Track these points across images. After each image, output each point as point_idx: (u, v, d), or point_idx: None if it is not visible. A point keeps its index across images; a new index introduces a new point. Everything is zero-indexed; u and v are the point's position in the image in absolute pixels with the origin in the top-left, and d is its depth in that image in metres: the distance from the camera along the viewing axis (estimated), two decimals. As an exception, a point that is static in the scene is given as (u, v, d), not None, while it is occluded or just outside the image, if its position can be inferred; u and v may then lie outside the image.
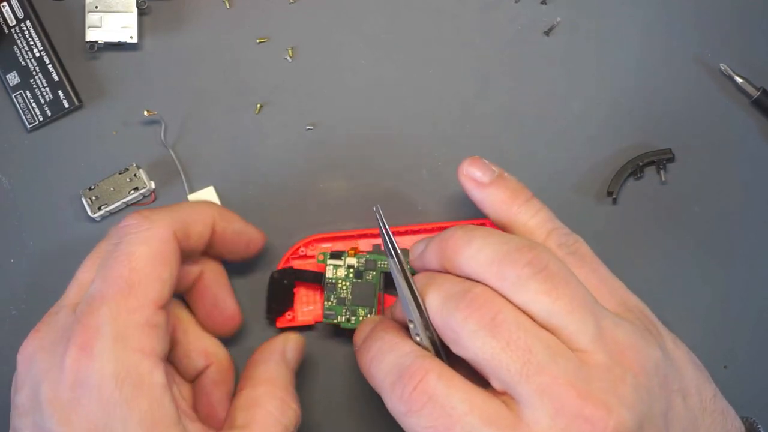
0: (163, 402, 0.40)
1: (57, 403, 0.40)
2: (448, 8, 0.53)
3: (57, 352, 0.40)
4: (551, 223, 0.44)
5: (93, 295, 0.41)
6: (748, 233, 0.53)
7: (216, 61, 0.53)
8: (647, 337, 0.40)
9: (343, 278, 0.49)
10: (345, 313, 0.49)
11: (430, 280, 0.40)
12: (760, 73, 0.53)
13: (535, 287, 0.38)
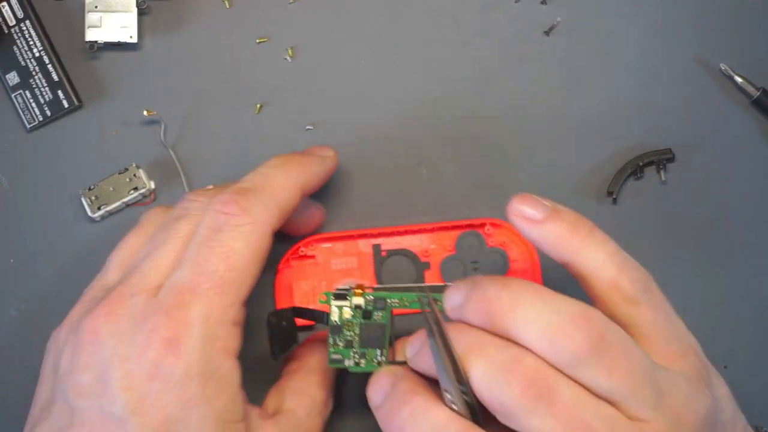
0: (236, 400, 0.40)
1: (132, 392, 0.39)
2: (448, 8, 0.53)
3: (136, 340, 0.39)
4: (619, 255, 0.40)
5: (183, 285, 0.40)
6: (748, 233, 0.53)
7: (216, 61, 0.53)
8: (700, 388, 0.39)
9: (350, 320, 0.44)
10: (353, 356, 0.44)
11: (472, 346, 0.37)
12: (760, 73, 0.53)
13: (594, 365, 0.36)
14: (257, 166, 0.45)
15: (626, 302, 0.40)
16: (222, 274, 0.40)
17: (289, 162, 0.46)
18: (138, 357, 0.39)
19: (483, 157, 0.52)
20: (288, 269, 0.51)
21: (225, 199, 0.42)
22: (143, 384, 0.39)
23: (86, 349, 0.40)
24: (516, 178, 0.53)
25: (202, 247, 0.41)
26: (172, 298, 0.40)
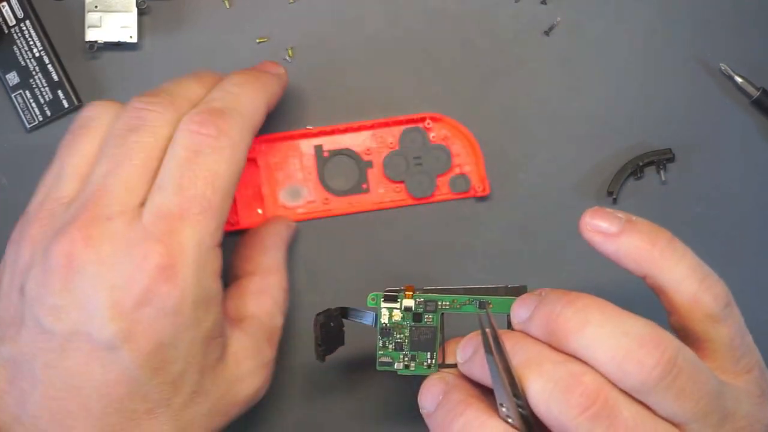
0: (220, 318, 0.41)
1: (123, 321, 0.39)
2: (448, 8, 0.53)
3: (124, 268, 0.39)
4: (701, 269, 0.39)
5: (171, 211, 0.40)
6: (748, 233, 0.53)
7: (216, 61, 0.53)
8: (763, 405, 0.39)
9: (400, 322, 0.43)
10: (403, 359, 0.43)
11: (531, 359, 0.37)
12: (760, 73, 0.53)
13: (662, 391, 0.35)
14: (221, 82, 0.45)
15: (706, 318, 0.39)
16: (209, 198, 0.40)
17: (252, 80, 0.45)
18: (128, 285, 0.39)
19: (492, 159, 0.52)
20: None
21: (201, 119, 0.41)
22: (134, 312, 0.39)
23: (60, 274, 0.39)
24: (516, 177, 0.53)
25: (185, 169, 0.40)
26: (162, 224, 0.39)
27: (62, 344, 0.39)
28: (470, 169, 0.52)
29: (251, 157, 0.52)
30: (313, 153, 0.52)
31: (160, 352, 0.39)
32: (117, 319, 0.38)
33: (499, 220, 0.52)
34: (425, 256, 0.52)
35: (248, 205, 0.52)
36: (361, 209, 0.52)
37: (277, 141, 0.52)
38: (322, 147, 0.52)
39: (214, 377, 0.41)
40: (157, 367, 0.39)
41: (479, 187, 0.52)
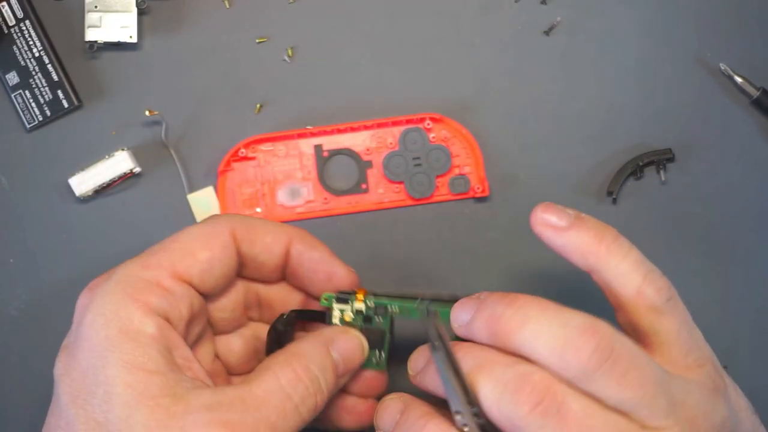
0: (148, 350, 0.38)
1: (65, 348, 0.40)
2: (448, 8, 0.53)
3: None
4: (645, 265, 0.41)
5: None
6: (748, 233, 0.53)
7: (216, 61, 0.53)
8: (716, 398, 0.39)
9: (350, 323, 0.45)
10: None
11: (480, 364, 0.38)
12: (760, 73, 0.53)
13: (604, 377, 0.36)
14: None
15: (650, 311, 0.40)
16: (162, 244, 0.42)
17: (289, 225, 0.46)
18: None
19: (487, 161, 0.52)
20: (230, 172, 0.52)
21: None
22: (73, 336, 0.40)
23: None
24: (516, 178, 0.53)
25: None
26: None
27: None
28: (470, 170, 0.52)
29: (251, 157, 0.52)
30: (313, 153, 0.52)
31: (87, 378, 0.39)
32: (64, 352, 0.40)
33: (498, 221, 0.52)
34: (425, 256, 0.52)
35: (248, 204, 0.52)
36: (361, 209, 0.52)
37: (277, 141, 0.52)
38: (322, 147, 0.52)
39: None
40: None
41: (479, 187, 0.52)
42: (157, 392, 0.38)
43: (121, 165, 0.51)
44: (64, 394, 0.39)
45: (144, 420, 0.37)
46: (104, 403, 0.38)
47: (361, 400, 0.46)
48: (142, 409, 0.37)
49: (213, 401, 0.38)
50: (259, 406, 0.39)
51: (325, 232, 0.52)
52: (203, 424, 0.37)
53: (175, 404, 0.38)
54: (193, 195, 0.52)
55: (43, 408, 0.50)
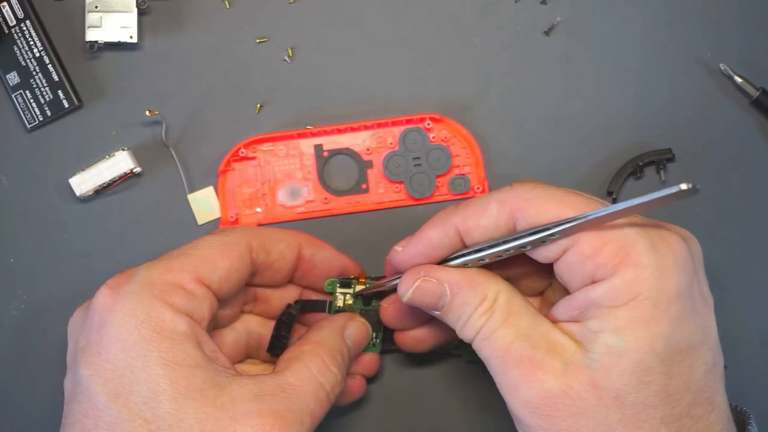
0: (185, 346, 0.40)
1: (87, 349, 0.40)
2: (448, 8, 0.53)
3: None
4: None
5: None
6: (748, 233, 0.53)
7: (216, 61, 0.53)
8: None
9: (351, 305, 0.49)
10: None
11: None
12: (760, 73, 0.53)
13: None
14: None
15: None
16: (183, 250, 0.43)
17: (295, 232, 0.49)
18: (92, 313, 0.41)
19: (484, 160, 0.52)
20: (230, 172, 0.52)
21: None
22: (95, 335, 0.40)
23: (68, 332, 0.44)
24: (516, 178, 0.53)
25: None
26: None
27: None
28: (470, 170, 0.52)
29: (251, 157, 0.52)
30: (313, 153, 0.52)
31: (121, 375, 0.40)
32: (85, 351, 0.41)
33: (498, 220, 0.52)
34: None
35: (248, 204, 0.52)
36: (361, 209, 0.52)
37: (277, 141, 0.52)
38: (322, 147, 0.52)
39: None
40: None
41: (478, 187, 0.52)
42: (202, 385, 0.39)
43: (121, 165, 0.51)
44: (100, 394, 0.39)
45: (194, 413, 0.39)
46: (150, 400, 0.38)
47: (352, 378, 0.48)
48: (191, 403, 0.39)
49: (257, 391, 0.40)
50: (298, 395, 0.41)
51: (325, 232, 0.52)
52: (253, 414, 0.39)
53: (221, 395, 0.39)
54: (194, 195, 0.52)
55: (45, 406, 0.51)
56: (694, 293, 0.39)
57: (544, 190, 0.40)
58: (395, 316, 0.47)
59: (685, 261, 0.39)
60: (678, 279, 0.38)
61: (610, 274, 0.38)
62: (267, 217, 0.52)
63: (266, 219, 0.52)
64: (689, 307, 0.39)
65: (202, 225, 0.52)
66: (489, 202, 0.41)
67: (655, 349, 0.38)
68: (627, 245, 0.38)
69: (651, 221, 0.40)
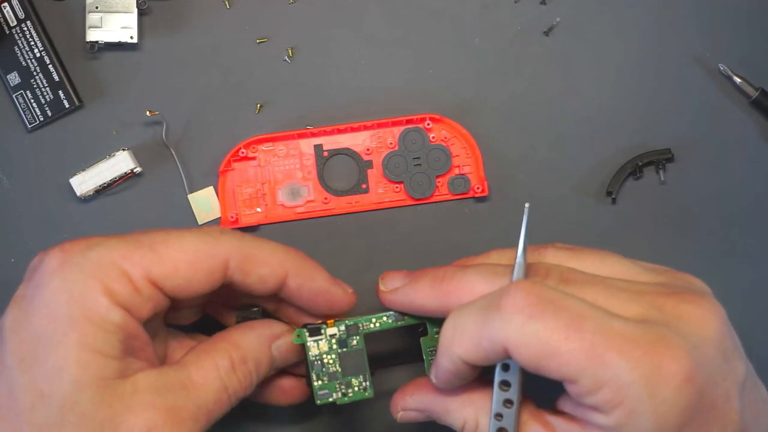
0: (108, 337, 0.39)
1: (19, 301, 0.40)
2: (448, 8, 0.53)
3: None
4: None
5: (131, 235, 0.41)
6: (747, 233, 0.53)
7: (216, 61, 0.53)
8: None
9: (328, 351, 0.45)
10: (339, 388, 0.45)
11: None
12: (759, 74, 0.53)
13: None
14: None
15: None
16: (148, 241, 0.41)
17: (291, 250, 0.45)
18: (26, 282, 0.41)
19: (483, 161, 0.52)
20: (230, 172, 0.52)
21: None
22: (26, 304, 0.40)
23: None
24: (516, 178, 0.53)
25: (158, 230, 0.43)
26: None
27: None
28: (470, 170, 0.52)
29: (252, 157, 0.52)
30: (313, 153, 0.52)
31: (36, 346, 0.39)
32: (10, 326, 0.40)
33: (498, 221, 0.52)
34: (425, 256, 0.52)
35: (248, 204, 0.52)
36: (361, 209, 0.52)
37: (277, 140, 0.52)
38: (322, 147, 0.52)
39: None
40: None
41: (478, 187, 0.52)
42: (111, 375, 0.38)
43: (121, 165, 0.51)
44: (11, 354, 0.39)
45: (91, 397, 0.38)
46: (53, 376, 0.38)
47: (297, 382, 0.47)
48: (92, 388, 0.38)
49: (159, 384, 0.39)
50: (199, 394, 0.41)
51: (325, 232, 0.52)
52: (148, 406, 0.39)
53: (124, 384, 0.39)
54: (194, 195, 0.52)
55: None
56: (706, 405, 0.37)
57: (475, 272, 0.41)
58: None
59: (688, 387, 0.37)
60: (680, 412, 0.37)
61: (609, 412, 0.37)
62: (267, 216, 0.52)
63: (266, 219, 0.52)
64: (700, 425, 0.37)
65: (202, 225, 0.52)
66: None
67: None
68: (622, 388, 0.36)
69: (657, 315, 0.38)
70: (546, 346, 0.37)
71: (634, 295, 0.39)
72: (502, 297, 0.38)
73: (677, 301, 0.39)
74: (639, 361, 0.36)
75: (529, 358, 0.37)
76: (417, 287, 0.43)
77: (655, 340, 0.37)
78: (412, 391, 0.44)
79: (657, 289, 0.39)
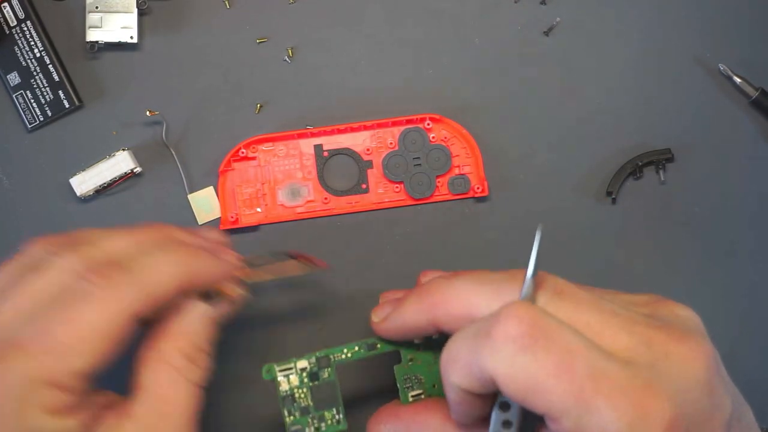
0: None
1: None
2: (448, 8, 0.53)
3: None
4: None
5: (11, 340, 0.37)
6: (747, 233, 0.53)
7: (216, 61, 0.53)
8: None
9: (299, 385, 0.43)
10: (312, 422, 0.43)
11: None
12: (759, 74, 0.53)
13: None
14: (136, 230, 0.42)
15: None
16: (60, 339, 0.37)
17: (176, 250, 0.41)
18: None
19: (483, 160, 0.52)
20: (230, 172, 0.52)
21: (93, 266, 0.39)
22: None
23: None
24: (516, 178, 0.53)
25: (51, 307, 0.38)
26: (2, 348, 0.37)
27: None
28: (470, 170, 0.52)
29: (252, 157, 0.52)
30: (313, 153, 0.53)
31: None
32: None
33: (498, 221, 0.52)
34: (425, 256, 0.52)
35: (248, 204, 0.52)
36: (361, 209, 0.52)
37: (277, 140, 0.52)
38: (322, 147, 0.52)
39: None
40: None
41: (478, 187, 0.52)
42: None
43: (121, 165, 0.52)
44: None
45: None
46: None
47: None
48: None
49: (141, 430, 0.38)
50: (176, 409, 0.40)
51: (325, 232, 0.52)
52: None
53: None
54: (194, 195, 0.52)
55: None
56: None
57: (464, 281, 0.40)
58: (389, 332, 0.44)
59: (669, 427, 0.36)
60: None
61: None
62: (267, 217, 0.52)
63: (266, 219, 0.52)
64: None
65: (202, 225, 0.52)
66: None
67: None
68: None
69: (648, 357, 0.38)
70: (534, 382, 0.36)
71: (626, 323, 0.38)
72: (494, 324, 0.36)
73: (666, 338, 0.38)
74: (625, 410, 0.36)
75: (515, 392, 0.36)
76: (404, 308, 0.42)
77: (643, 386, 0.36)
78: (385, 419, 0.43)
79: (647, 321, 0.39)
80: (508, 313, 0.36)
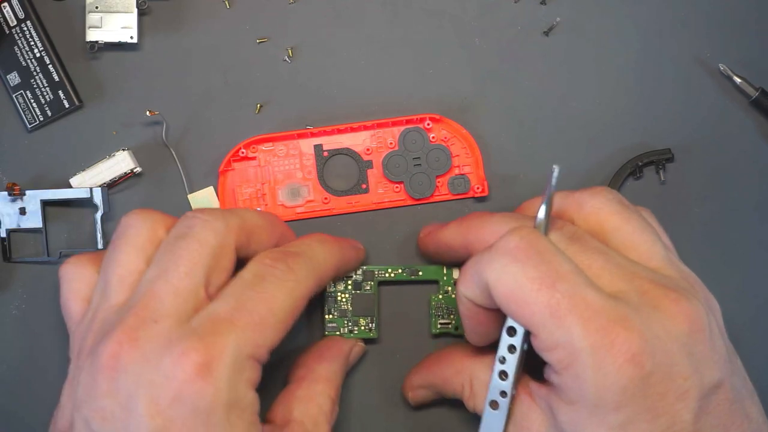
0: (255, 427, 0.40)
1: (158, 418, 0.38)
2: (448, 8, 0.53)
3: (163, 363, 0.39)
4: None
5: (221, 316, 0.40)
6: (747, 233, 0.53)
7: (216, 61, 0.53)
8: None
9: (343, 290, 0.50)
10: (347, 324, 0.50)
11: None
12: (759, 74, 0.53)
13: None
14: (304, 237, 0.47)
15: None
16: (263, 316, 0.41)
17: (330, 242, 0.48)
18: (165, 381, 0.38)
19: (484, 158, 0.52)
20: (230, 172, 0.52)
21: (276, 256, 0.44)
22: (169, 409, 0.38)
23: (106, 374, 0.39)
24: (516, 178, 0.53)
25: (247, 289, 0.42)
26: (208, 325, 0.40)
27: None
28: (470, 170, 0.52)
29: (252, 157, 0.52)
30: (313, 153, 0.52)
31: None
32: (154, 417, 0.38)
33: (498, 220, 0.52)
34: (425, 256, 0.52)
35: (248, 204, 0.52)
36: (361, 209, 0.52)
37: (277, 141, 0.52)
38: (322, 147, 0.52)
39: None
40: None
41: (478, 187, 0.52)
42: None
43: (121, 165, 0.52)
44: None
45: None
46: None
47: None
48: None
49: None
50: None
51: (325, 232, 0.52)
52: None
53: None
54: (194, 195, 0.52)
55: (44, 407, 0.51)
56: (653, 393, 0.38)
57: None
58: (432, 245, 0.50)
59: (631, 368, 0.38)
60: (619, 389, 0.38)
61: (560, 372, 0.39)
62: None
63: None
64: (643, 410, 0.38)
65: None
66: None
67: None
68: (573, 353, 0.38)
69: (638, 294, 0.40)
70: (518, 290, 0.39)
71: (627, 275, 0.40)
72: (499, 240, 0.40)
73: (661, 294, 0.40)
74: (594, 332, 0.38)
75: (500, 298, 0.40)
76: (446, 228, 0.47)
77: (617, 317, 0.38)
78: (416, 370, 0.49)
79: (653, 277, 0.41)
80: (512, 231, 0.40)
